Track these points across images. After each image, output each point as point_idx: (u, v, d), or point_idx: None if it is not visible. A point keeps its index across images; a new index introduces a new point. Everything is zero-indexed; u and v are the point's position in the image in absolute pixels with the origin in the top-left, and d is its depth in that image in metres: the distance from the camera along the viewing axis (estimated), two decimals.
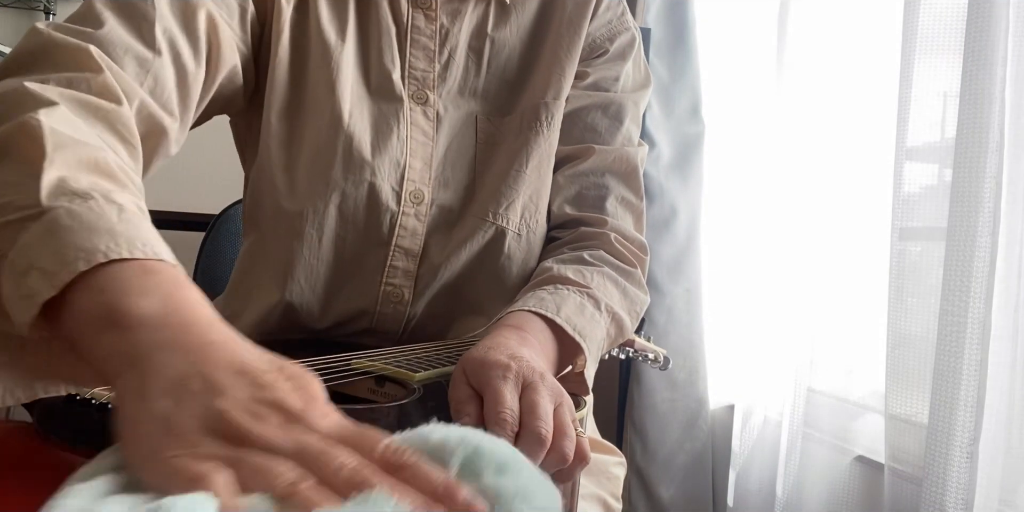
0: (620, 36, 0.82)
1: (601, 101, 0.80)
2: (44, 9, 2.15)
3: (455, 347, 0.71)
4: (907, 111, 1.20)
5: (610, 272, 0.73)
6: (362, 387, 0.59)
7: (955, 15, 1.14)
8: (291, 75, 0.71)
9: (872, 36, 1.43)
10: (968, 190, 1.07)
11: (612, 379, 2.05)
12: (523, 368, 0.49)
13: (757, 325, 1.67)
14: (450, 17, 0.74)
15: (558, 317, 0.62)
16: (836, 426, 1.46)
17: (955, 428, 1.07)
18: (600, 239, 0.77)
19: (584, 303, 0.66)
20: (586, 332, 0.64)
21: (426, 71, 0.72)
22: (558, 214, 0.79)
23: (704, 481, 1.87)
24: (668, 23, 1.98)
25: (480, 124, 0.74)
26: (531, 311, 0.62)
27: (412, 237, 0.73)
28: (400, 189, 0.72)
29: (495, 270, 0.76)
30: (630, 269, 0.76)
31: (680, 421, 1.87)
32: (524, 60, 0.77)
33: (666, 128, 1.93)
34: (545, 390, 0.48)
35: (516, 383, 0.48)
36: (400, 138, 0.71)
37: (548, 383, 0.49)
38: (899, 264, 1.22)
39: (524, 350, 0.54)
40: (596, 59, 0.80)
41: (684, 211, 1.89)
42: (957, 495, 1.06)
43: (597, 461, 0.82)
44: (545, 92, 0.75)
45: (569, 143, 0.80)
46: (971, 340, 1.06)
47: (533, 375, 0.49)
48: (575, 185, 0.79)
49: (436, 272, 0.74)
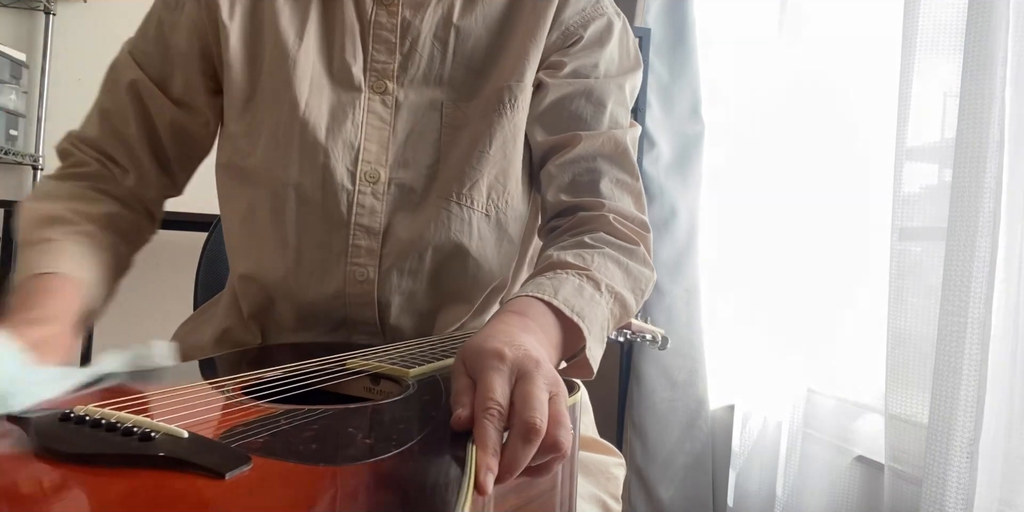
0: (594, 22, 0.83)
1: (582, 88, 0.81)
2: (44, 9, 2.15)
3: (450, 342, 0.72)
4: (907, 111, 1.20)
5: (611, 252, 0.73)
6: (357, 386, 0.60)
7: (955, 15, 1.14)
8: (247, 78, 0.77)
9: (872, 36, 1.43)
10: (968, 190, 1.07)
11: (612, 379, 2.05)
12: (518, 356, 0.48)
13: (757, 325, 1.67)
14: (413, 10, 0.78)
15: (555, 299, 0.62)
16: (836, 426, 1.46)
17: (955, 428, 1.07)
18: (599, 221, 0.77)
19: (583, 285, 0.66)
20: (585, 313, 0.63)
21: (386, 63, 0.77)
22: (554, 203, 0.80)
23: (704, 481, 1.87)
24: (668, 23, 1.98)
25: (446, 109, 0.78)
26: (530, 295, 0.62)
27: (371, 215, 0.76)
28: (355, 170, 0.76)
29: (468, 253, 0.77)
30: (632, 247, 0.76)
31: (680, 421, 1.87)
32: (490, 47, 0.80)
33: (666, 128, 1.93)
34: (540, 379, 0.47)
35: (510, 372, 0.48)
36: (355, 123, 0.76)
37: (544, 371, 0.48)
38: (899, 264, 1.22)
39: (524, 336, 0.54)
40: (571, 47, 0.81)
41: (684, 211, 1.90)
42: (957, 495, 1.06)
43: (597, 461, 0.82)
44: (510, 76, 0.78)
45: (555, 133, 0.81)
46: (971, 340, 1.06)
47: (528, 363, 0.48)
48: (567, 173, 0.80)
49: (403, 251, 0.76)
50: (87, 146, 0.82)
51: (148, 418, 0.42)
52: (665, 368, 1.89)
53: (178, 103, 0.81)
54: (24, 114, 2.12)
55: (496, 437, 0.43)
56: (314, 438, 0.44)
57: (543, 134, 0.81)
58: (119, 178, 0.81)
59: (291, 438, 0.44)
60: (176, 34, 0.79)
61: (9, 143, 2.03)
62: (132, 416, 0.42)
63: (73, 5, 2.20)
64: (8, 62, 2.02)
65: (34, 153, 2.15)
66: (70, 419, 0.42)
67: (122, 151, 0.81)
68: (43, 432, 0.40)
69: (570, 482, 0.56)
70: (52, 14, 2.17)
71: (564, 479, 0.54)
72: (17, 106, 2.07)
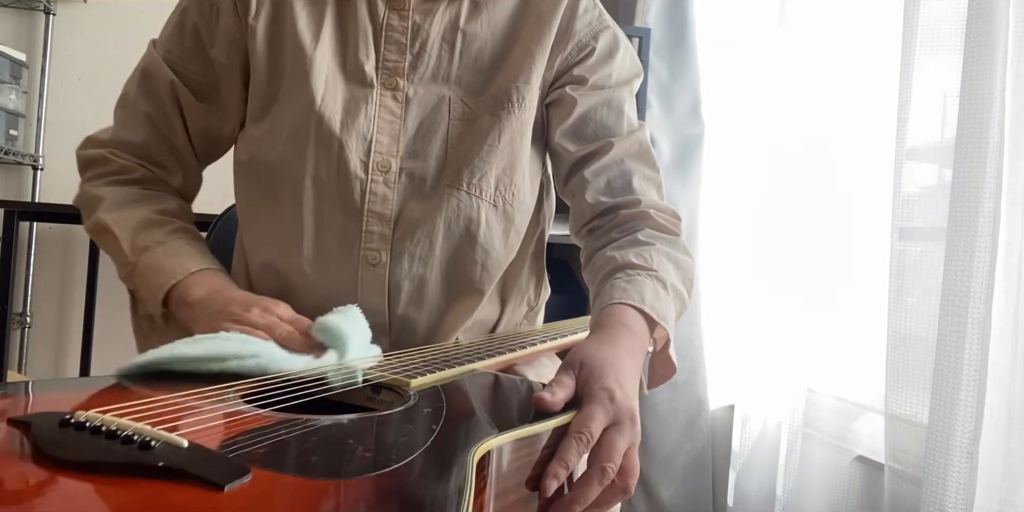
0: (603, 34, 0.89)
1: (604, 99, 0.89)
2: (44, 9, 2.15)
3: (453, 351, 0.73)
4: (907, 111, 1.20)
5: (663, 248, 0.82)
6: (359, 395, 0.60)
7: (955, 15, 1.14)
8: (268, 79, 0.83)
9: (872, 36, 1.43)
10: (968, 190, 1.07)
11: None
12: (623, 407, 0.58)
13: (757, 325, 1.67)
14: (422, 15, 0.84)
15: (644, 306, 0.73)
16: (836, 426, 1.46)
17: (955, 428, 1.07)
18: (641, 218, 0.86)
19: (657, 288, 0.77)
20: (665, 315, 0.75)
21: (397, 62, 0.83)
22: (593, 205, 0.88)
23: (704, 481, 1.87)
24: (668, 23, 1.98)
25: (453, 104, 0.83)
26: (624, 303, 0.73)
27: (383, 202, 0.81)
28: (368, 160, 0.81)
29: (476, 240, 0.83)
30: (674, 238, 0.86)
31: (680, 421, 1.87)
32: (496, 50, 0.86)
33: (666, 128, 1.92)
34: (628, 433, 0.57)
35: (612, 415, 0.57)
36: (368, 117, 0.81)
37: (635, 429, 0.58)
38: (899, 264, 1.22)
39: (631, 367, 0.65)
40: (586, 59, 0.88)
41: (684, 211, 1.89)
42: (957, 495, 1.06)
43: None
44: (517, 77, 0.84)
45: (584, 142, 0.88)
46: (971, 340, 1.06)
47: (626, 416, 0.58)
48: (603, 177, 0.87)
49: (414, 237, 0.81)
50: (128, 152, 0.87)
51: (149, 425, 0.42)
52: None
53: (214, 111, 0.87)
54: (24, 114, 2.12)
55: (575, 457, 0.53)
56: (314, 450, 0.44)
57: (575, 145, 0.88)
58: (167, 178, 0.89)
59: (291, 450, 0.44)
60: (216, 48, 0.84)
61: (9, 143, 2.03)
62: (132, 423, 0.42)
63: (73, 5, 2.20)
64: (8, 62, 2.02)
65: (34, 153, 2.15)
66: (70, 424, 0.42)
67: (168, 155, 0.88)
68: (42, 437, 0.40)
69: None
70: (52, 14, 2.17)
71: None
72: (17, 106, 2.07)
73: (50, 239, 2.19)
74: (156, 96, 0.86)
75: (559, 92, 0.87)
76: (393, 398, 0.59)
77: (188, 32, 0.85)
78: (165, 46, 0.87)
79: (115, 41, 2.22)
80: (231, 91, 0.86)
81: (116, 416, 0.43)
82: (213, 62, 0.85)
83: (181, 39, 0.86)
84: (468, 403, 0.60)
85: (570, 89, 0.87)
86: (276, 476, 0.39)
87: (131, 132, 0.87)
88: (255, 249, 0.87)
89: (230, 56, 0.84)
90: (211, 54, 0.85)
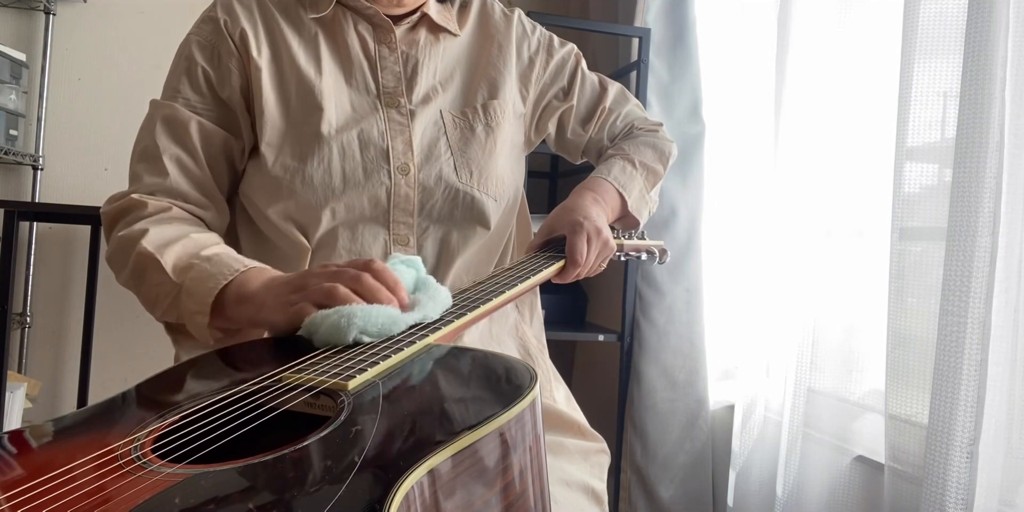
0: (569, 56, 1.08)
1: (602, 109, 1.10)
2: (44, 9, 2.15)
3: (393, 345, 0.64)
4: (907, 111, 1.20)
5: (642, 136, 1.08)
6: (300, 402, 0.55)
7: (955, 15, 1.14)
8: (281, 114, 0.91)
9: (872, 36, 1.43)
10: (968, 190, 1.07)
11: (612, 379, 2.05)
12: (589, 227, 0.91)
13: (757, 325, 1.67)
14: (408, 46, 0.97)
15: (608, 177, 1.00)
16: (836, 426, 1.46)
17: (955, 428, 1.07)
18: (628, 129, 1.11)
19: (624, 165, 1.03)
20: (626, 184, 1.01)
21: (396, 86, 0.95)
22: (605, 145, 1.11)
23: (704, 481, 1.87)
24: (668, 23, 1.98)
25: (445, 116, 0.96)
26: (596, 176, 1.00)
27: (406, 201, 0.92)
28: (388, 167, 0.91)
29: (479, 229, 0.96)
30: (655, 128, 1.11)
31: (680, 421, 1.87)
32: (468, 70, 1.01)
33: (666, 128, 1.92)
34: (595, 243, 0.91)
35: (586, 233, 0.90)
36: (380, 131, 0.92)
37: (599, 238, 0.91)
38: (899, 264, 1.22)
39: (594, 208, 0.94)
40: (572, 84, 1.08)
41: (684, 211, 1.90)
42: (957, 495, 1.06)
43: (582, 447, 0.93)
44: (490, 95, 1.00)
45: (590, 122, 1.10)
46: (971, 340, 1.06)
47: (592, 234, 0.90)
48: (605, 132, 1.11)
49: (435, 226, 0.95)
50: (162, 193, 0.88)
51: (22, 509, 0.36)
52: (665, 368, 1.89)
53: (237, 144, 0.93)
54: (24, 114, 2.12)
55: (584, 251, 0.90)
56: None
57: (585, 129, 1.11)
58: (199, 214, 0.91)
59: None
60: (225, 88, 0.91)
61: (9, 143, 2.03)
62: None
63: (73, 5, 2.20)
64: (8, 62, 2.02)
65: (34, 153, 2.15)
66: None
67: (199, 193, 0.91)
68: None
69: (540, 483, 0.56)
70: (52, 14, 2.17)
71: (535, 479, 0.54)
72: (17, 106, 2.07)
73: (50, 239, 2.19)
74: (183, 140, 0.90)
75: (552, 110, 1.07)
76: (328, 407, 0.53)
77: (200, 78, 0.91)
78: (182, 95, 0.91)
79: (115, 41, 2.22)
80: (245, 126, 0.92)
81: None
82: (226, 102, 0.91)
83: (195, 85, 0.91)
84: (410, 405, 0.53)
85: (556, 102, 1.07)
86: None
87: (160, 176, 0.88)
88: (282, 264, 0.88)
89: (237, 93, 0.91)
90: (222, 95, 0.91)
